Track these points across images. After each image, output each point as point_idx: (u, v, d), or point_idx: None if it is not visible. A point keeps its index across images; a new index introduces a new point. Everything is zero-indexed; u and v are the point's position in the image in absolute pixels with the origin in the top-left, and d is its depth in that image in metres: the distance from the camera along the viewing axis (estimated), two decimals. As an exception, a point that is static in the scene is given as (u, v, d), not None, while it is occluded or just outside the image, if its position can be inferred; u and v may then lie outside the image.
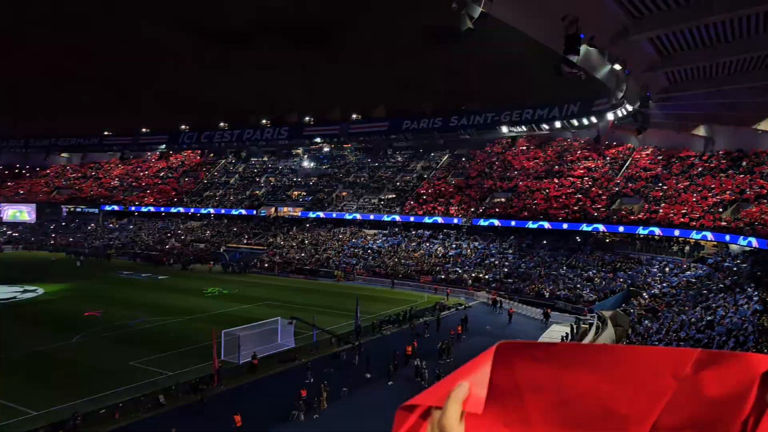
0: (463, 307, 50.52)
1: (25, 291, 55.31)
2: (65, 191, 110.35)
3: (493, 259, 62.30)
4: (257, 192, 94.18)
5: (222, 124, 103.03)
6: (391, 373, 30.87)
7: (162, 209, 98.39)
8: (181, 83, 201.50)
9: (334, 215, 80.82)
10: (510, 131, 74.91)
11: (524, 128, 73.52)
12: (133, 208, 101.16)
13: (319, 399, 26.15)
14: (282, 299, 51.70)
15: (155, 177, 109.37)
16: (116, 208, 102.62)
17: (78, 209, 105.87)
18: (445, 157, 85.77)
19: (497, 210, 67.88)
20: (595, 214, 59.29)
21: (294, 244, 77.85)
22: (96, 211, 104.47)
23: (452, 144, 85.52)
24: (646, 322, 35.96)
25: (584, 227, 59.05)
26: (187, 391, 28.02)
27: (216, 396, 27.85)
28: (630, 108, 43.77)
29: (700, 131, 55.98)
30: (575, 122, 66.49)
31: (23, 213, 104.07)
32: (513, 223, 64.78)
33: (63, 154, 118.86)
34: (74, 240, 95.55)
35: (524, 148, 79.08)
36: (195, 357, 33.08)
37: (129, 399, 26.08)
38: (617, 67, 29.68)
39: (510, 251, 63.49)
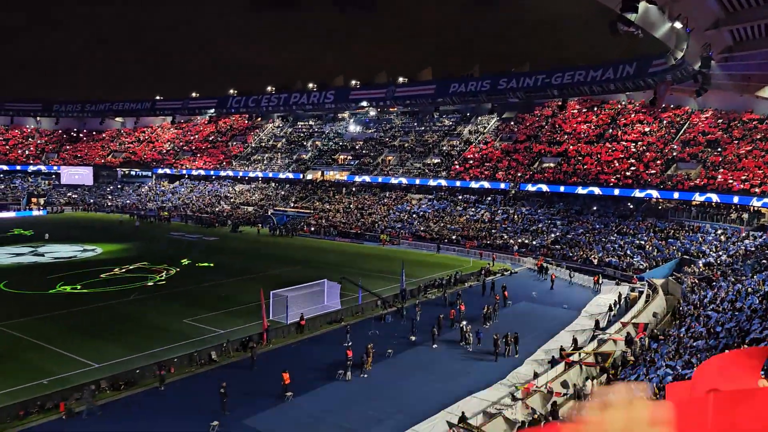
0: (508, 272, 50.18)
1: (85, 250, 57.66)
2: (120, 154, 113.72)
3: (540, 225, 61.40)
4: (304, 156, 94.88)
5: (269, 88, 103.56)
6: (435, 336, 31.07)
7: (212, 172, 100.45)
8: (230, 48, 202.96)
9: (380, 179, 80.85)
10: (561, 93, 72.83)
11: (576, 90, 71.32)
12: (184, 171, 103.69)
13: (365, 359, 26.55)
14: (328, 262, 52.38)
15: (205, 141, 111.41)
16: (168, 171, 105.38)
17: (132, 172, 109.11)
18: (493, 121, 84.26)
19: (546, 175, 66.56)
20: (649, 179, 57.49)
21: (340, 208, 78.44)
22: (149, 174, 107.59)
23: (500, 107, 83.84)
24: (700, 291, 34.97)
25: (637, 193, 57.43)
26: (238, 348, 28.91)
27: (265, 354, 28.64)
28: (690, 68, 41.83)
29: (765, 93, 53.14)
30: (630, 84, 64.01)
31: (81, 175, 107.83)
32: (562, 188, 63.50)
33: (117, 119, 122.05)
34: (130, 202, 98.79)
35: (575, 111, 76.86)
36: (245, 316, 34.02)
37: (183, 354, 27.08)
38: (678, 25, 28.30)
39: (558, 217, 62.40)
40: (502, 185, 68.98)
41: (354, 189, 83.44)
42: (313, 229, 72.99)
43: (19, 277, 45.13)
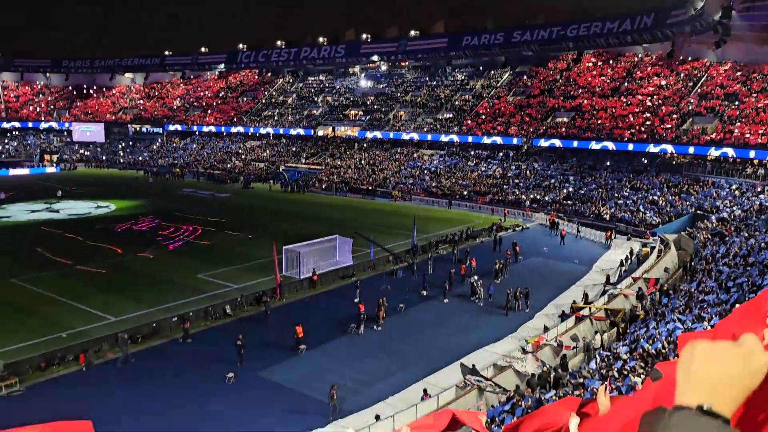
0: (520, 228, 50.15)
1: (99, 207, 58.21)
2: (131, 111, 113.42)
3: (552, 181, 61.00)
4: (314, 111, 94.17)
5: (279, 42, 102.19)
6: (446, 291, 31.33)
7: (222, 128, 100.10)
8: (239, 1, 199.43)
9: (392, 135, 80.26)
10: (576, 46, 71.28)
11: (592, 43, 69.78)
12: (195, 128, 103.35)
13: (377, 314, 26.90)
14: (339, 218, 52.54)
15: (215, 97, 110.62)
16: (179, 127, 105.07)
17: (143, 129, 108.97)
18: (506, 75, 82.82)
19: (559, 130, 65.73)
20: (664, 134, 56.64)
21: (351, 164, 78.23)
22: (160, 130, 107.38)
23: (514, 61, 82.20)
24: (712, 246, 34.83)
25: (651, 148, 56.65)
26: (251, 302, 29.38)
27: (278, 308, 29.08)
28: (710, 19, 40.67)
29: (787, 44, 51.74)
30: (648, 36, 62.43)
31: (93, 132, 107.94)
32: (575, 143, 62.77)
33: (127, 75, 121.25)
34: (142, 159, 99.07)
35: (591, 64, 75.29)
36: (258, 271, 34.43)
37: (198, 309, 27.56)
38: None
39: (570, 173, 61.89)
40: (515, 140, 68.28)
41: (365, 145, 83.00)
42: (324, 185, 73.02)
43: (36, 233, 45.77)
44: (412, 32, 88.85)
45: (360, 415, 18.35)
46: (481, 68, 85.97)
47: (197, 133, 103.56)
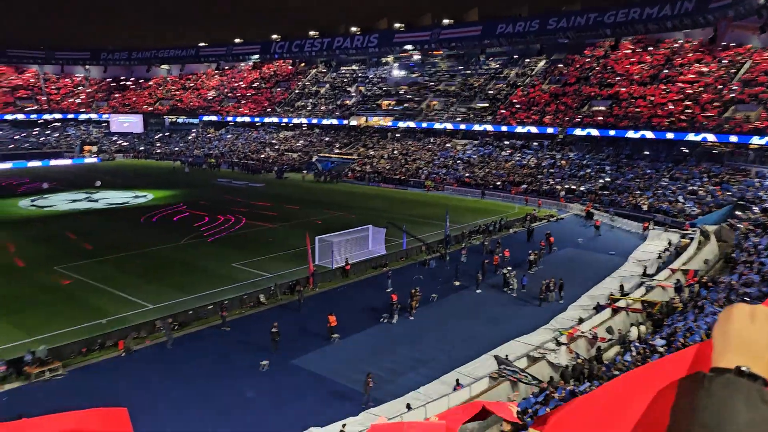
0: (554, 218, 49.50)
1: (137, 197, 59.45)
2: (167, 102, 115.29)
3: (588, 171, 59.95)
4: (347, 101, 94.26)
5: (312, 32, 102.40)
6: (479, 281, 31.16)
7: (256, 119, 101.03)
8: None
9: (425, 125, 79.87)
10: (614, 33, 69.68)
11: (630, 29, 68.11)
12: (229, 118, 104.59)
13: (409, 303, 26.91)
14: (372, 208, 52.64)
15: (249, 87, 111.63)
16: (214, 118, 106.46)
17: (179, 119, 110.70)
18: (541, 63, 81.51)
19: (595, 119, 64.46)
20: (705, 122, 55.06)
21: (384, 154, 78.19)
22: (195, 121, 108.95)
23: (549, 49, 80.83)
24: (754, 237, 33.82)
25: (691, 137, 55.12)
26: (285, 291, 29.69)
27: (311, 297, 29.33)
28: (754, 3, 39.26)
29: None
30: (689, 21, 60.62)
31: (131, 123, 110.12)
32: (612, 132, 61.50)
33: (163, 66, 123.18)
34: (178, 149, 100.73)
35: (629, 51, 73.51)
36: (292, 261, 34.76)
37: (233, 297, 27.97)
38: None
39: (607, 162, 60.73)
40: (550, 130, 67.24)
41: (398, 135, 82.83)
42: (357, 175, 73.17)
43: (76, 222, 47.02)
44: (446, 20, 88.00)
45: (391, 405, 18.42)
46: (515, 56, 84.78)
47: (231, 123, 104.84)
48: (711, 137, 53.81)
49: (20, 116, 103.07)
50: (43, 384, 20.23)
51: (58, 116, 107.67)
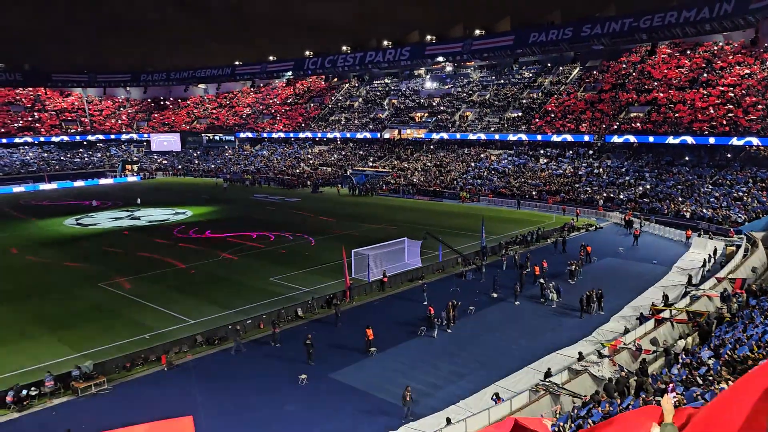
0: (593, 228, 48.63)
1: (177, 213, 60.66)
2: (204, 120, 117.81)
3: (627, 178, 58.81)
4: (380, 115, 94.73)
5: (344, 47, 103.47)
6: (518, 292, 30.76)
7: (291, 134, 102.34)
8: (304, 9, 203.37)
9: (458, 136, 79.65)
10: (650, 37, 68.49)
11: (667, 33, 66.88)
12: (264, 135, 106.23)
13: (447, 316, 26.70)
14: (407, 220, 52.61)
15: (284, 104, 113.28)
16: (250, 134, 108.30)
17: (216, 137, 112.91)
18: (576, 71, 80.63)
19: (633, 125, 63.31)
20: (749, 126, 53.53)
21: (418, 166, 78.18)
22: (232, 138, 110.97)
23: (583, 56, 79.99)
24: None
25: (735, 141, 53.66)
26: (322, 305, 29.80)
27: (348, 311, 29.37)
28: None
29: None
30: (728, 23, 59.20)
31: (169, 141, 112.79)
32: (651, 139, 60.28)
33: (200, 85, 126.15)
34: (215, 166, 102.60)
35: (666, 55, 72.15)
36: (328, 274, 34.91)
37: (271, 311, 28.19)
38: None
39: (646, 169, 59.48)
40: (586, 137, 66.30)
41: (432, 146, 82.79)
42: (391, 187, 73.29)
43: (119, 239, 48.18)
44: (477, 31, 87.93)
45: (431, 419, 18.23)
46: (549, 64, 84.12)
47: (267, 139, 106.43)
48: (756, 141, 52.30)
49: (65, 138, 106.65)
50: (89, 398, 20.67)
51: (101, 137, 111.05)
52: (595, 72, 77.07)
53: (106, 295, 32.24)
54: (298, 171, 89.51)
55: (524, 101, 79.58)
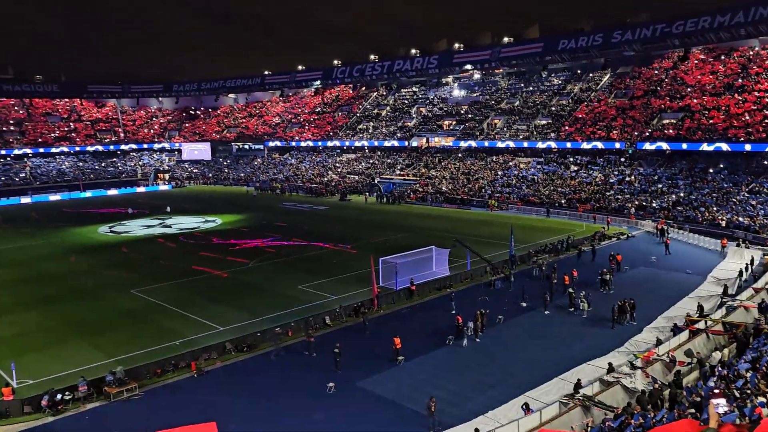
0: (625, 236, 47.81)
1: (207, 221, 61.45)
2: (234, 129, 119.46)
3: (660, 186, 57.76)
4: (408, 123, 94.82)
5: (372, 56, 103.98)
6: (547, 302, 30.36)
7: (319, 143, 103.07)
8: (332, 18, 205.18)
9: (486, 144, 79.25)
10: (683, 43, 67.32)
11: (701, 38, 65.67)
12: (293, 143, 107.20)
13: (475, 325, 26.45)
14: (435, 228, 52.43)
15: (312, 112, 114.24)
16: (279, 143, 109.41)
17: (246, 146, 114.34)
18: (606, 77, 79.68)
19: (666, 132, 62.22)
20: (786, 132, 52.15)
21: (446, 174, 77.96)
22: (261, 147, 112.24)
23: (614, 62, 79.02)
24: None
25: (771, 148, 52.34)
26: (350, 313, 29.80)
27: (376, 319, 29.31)
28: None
29: None
30: (764, 28, 57.90)
31: (200, 150, 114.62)
32: (684, 146, 59.14)
33: (230, 95, 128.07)
34: (245, 175, 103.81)
35: (699, 61, 70.85)
36: (356, 283, 34.94)
37: (299, 319, 28.29)
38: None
39: (680, 177, 58.34)
40: (617, 145, 65.38)
41: (460, 154, 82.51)
42: (419, 196, 73.17)
43: (151, 246, 48.98)
44: (506, 39, 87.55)
45: (459, 429, 18.03)
46: (579, 71, 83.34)
47: (295, 148, 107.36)
48: (793, 148, 50.92)
49: (100, 148, 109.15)
50: (121, 404, 20.96)
51: (133, 146, 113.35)
52: (626, 78, 76.05)
53: (137, 302, 32.75)
54: (326, 179, 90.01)
55: (553, 108, 78.88)
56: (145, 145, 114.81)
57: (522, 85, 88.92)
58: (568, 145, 69.95)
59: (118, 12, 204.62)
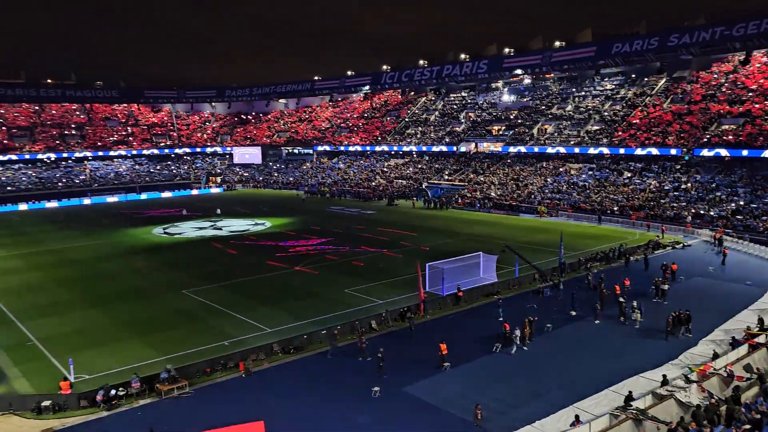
0: (680, 245, 46.30)
1: (256, 224, 62.56)
2: (284, 134, 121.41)
3: (718, 194, 55.70)
4: (457, 128, 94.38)
5: (421, 62, 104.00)
6: (598, 311, 29.63)
7: (367, 148, 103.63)
8: (379, 24, 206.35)
9: (536, 149, 78.13)
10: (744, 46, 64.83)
11: (763, 41, 63.13)
12: (341, 148, 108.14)
13: (523, 333, 26.04)
14: (483, 234, 51.97)
15: (360, 117, 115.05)
16: (327, 147, 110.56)
17: (295, 150, 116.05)
18: (662, 82, 77.46)
19: (725, 138, 59.97)
20: None
21: (494, 180, 77.19)
22: (310, 151, 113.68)
23: (670, 66, 76.75)
24: None
25: (840, 155, 49.87)
26: (396, 318, 29.78)
27: (422, 324, 29.20)
28: None
29: None
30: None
31: (251, 155, 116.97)
32: (745, 152, 56.93)
33: (281, 100, 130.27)
34: (293, 179, 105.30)
35: (762, 64, 68.08)
36: (402, 287, 34.93)
37: (345, 322, 28.46)
38: None
39: (740, 184, 56.12)
40: (673, 151, 63.43)
41: (509, 160, 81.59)
42: (467, 201, 72.67)
43: (202, 248, 50.17)
44: (557, 43, 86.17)
45: (506, 438, 17.77)
46: (633, 75, 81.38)
47: (344, 152, 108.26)
48: None
49: (155, 151, 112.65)
50: (172, 401, 21.51)
51: (187, 150, 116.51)
52: (683, 82, 73.79)
53: (189, 302, 33.58)
54: (373, 184, 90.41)
55: (606, 113, 77.16)
56: (198, 149, 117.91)
57: (573, 89, 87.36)
58: (621, 151, 68.26)
59: (171, 21, 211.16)
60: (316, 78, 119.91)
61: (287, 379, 23.21)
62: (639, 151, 66.30)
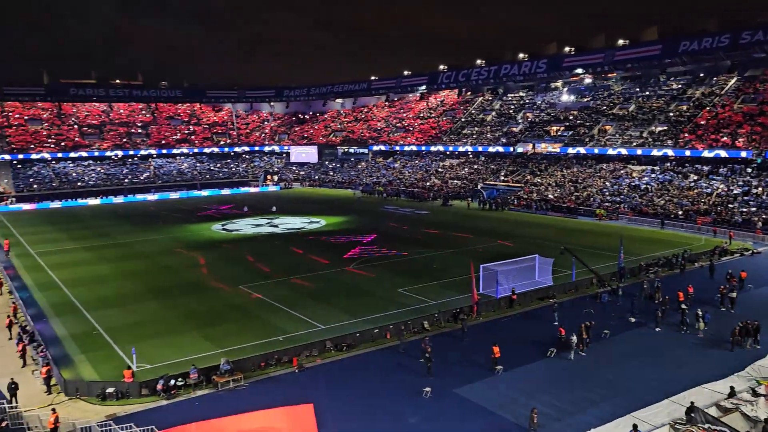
0: (749, 252, 44.20)
1: (311, 222, 63.40)
2: (340, 134, 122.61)
3: (791, 199, 52.92)
4: (514, 128, 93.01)
5: (478, 61, 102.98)
6: (659, 318, 28.60)
7: (422, 147, 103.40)
8: (438, 24, 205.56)
9: (596, 151, 76.12)
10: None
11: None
12: (397, 148, 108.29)
13: (579, 338, 25.40)
14: (539, 237, 51.03)
15: (416, 117, 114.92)
16: (383, 147, 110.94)
17: (351, 149, 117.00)
18: (732, 81, 74.13)
19: (800, 140, 56.90)
20: None
21: (552, 182, 75.67)
22: (366, 151, 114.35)
23: (742, 65, 73.38)
24: None
25: None
26: (448, 319, 29.59)
27: (475, 326, 28.90)
28: None
29: None
30: None
31: (307, 154, 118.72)
32: (822, 155, 53.86)
33: (337, 100, 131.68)
34: (349, 178, 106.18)
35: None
36: (455, 288, 34.69)
37: (397, 322, 28.47)
38: None
39: (816, 189, 53.17)
40: (743, 153, 60.62)
41: (567, 161, 79.81)
42: (523, 203, 71.50)
43: (259, 244, 51.20)
44: (620, 41, 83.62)
45: (560, 445, 17.38)
46: (701, 75, 78.20)
47: (399, 152, 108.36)
48: None
49: (216, 149, 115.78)
50: (227, 393, 22.04)
51: (246, 149, 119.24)
52: (756, 82, 70.40)
53: (245, 297, 34.32)
54: (428, 184, 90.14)
55: (671, 114, 74.45)
56: (257, 148, 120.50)
57: (637, 89, 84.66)
58: (687, 153, 65.71)
59: (234, 23, 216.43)
60: (372, 78, 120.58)
61: (339, 376, 23.40)
62: (706, 153, 63.67)
